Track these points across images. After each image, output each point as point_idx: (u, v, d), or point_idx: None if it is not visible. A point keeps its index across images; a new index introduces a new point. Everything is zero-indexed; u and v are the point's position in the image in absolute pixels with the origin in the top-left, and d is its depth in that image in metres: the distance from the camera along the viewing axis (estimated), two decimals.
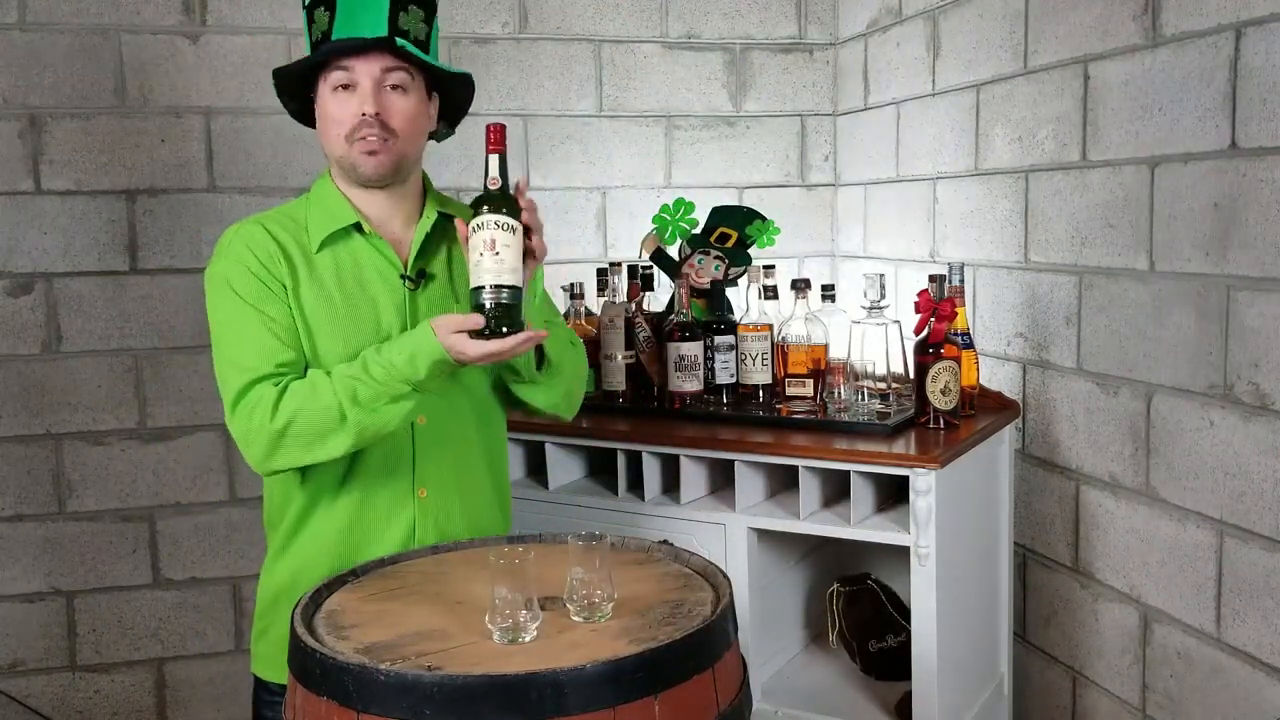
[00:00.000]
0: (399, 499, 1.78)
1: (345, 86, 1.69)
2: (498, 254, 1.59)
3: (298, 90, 1.77)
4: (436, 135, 1.89)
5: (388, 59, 1.69)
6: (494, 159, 1.64)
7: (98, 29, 2.86)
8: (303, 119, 1.83)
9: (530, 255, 1.66)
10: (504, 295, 1.60)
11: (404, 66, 1.71)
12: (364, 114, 1.68)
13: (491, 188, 1.63)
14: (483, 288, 1.60)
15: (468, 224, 1.64)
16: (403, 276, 1.78)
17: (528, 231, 1.65)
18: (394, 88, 1.70)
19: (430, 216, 1.81)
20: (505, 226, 1.60)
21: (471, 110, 1.91)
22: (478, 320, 1.59)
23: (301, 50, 1.78)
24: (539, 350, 1.79)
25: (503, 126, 1.66)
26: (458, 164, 3.08)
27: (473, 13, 3.11)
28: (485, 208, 1.61)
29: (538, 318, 1.78)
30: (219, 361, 1.71)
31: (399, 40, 1.68)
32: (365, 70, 1.68)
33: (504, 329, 1.60)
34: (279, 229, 1.76)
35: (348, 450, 1.67)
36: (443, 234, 1.84)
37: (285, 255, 1.73)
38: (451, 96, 1.85)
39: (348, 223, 1.76)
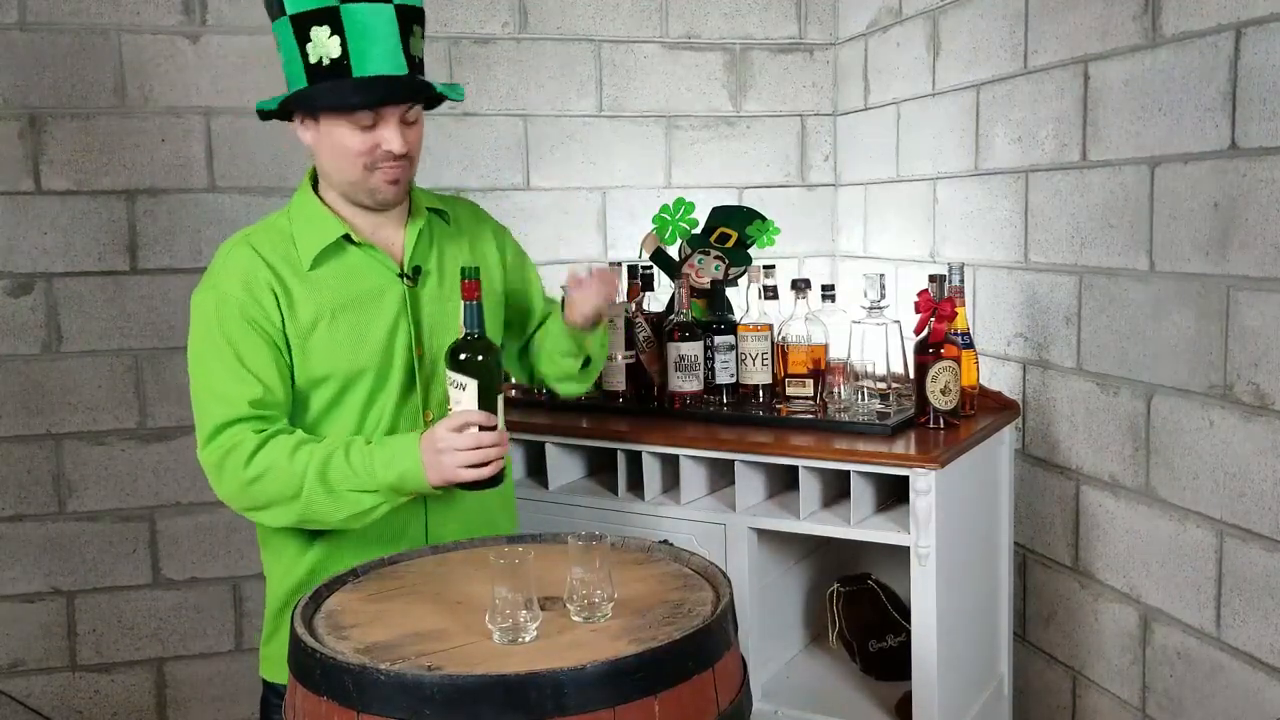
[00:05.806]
0: (408, 507, 1.77)
1: (368, 125, 1.69)
2: (451, 406, 1.66)
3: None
4: None
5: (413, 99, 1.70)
6: (465, 306, 1.66)
7: (98, 29, 2.86)
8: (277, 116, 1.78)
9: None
10: None
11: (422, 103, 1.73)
12: (393, 154, 1.69)
13: (461, 336, 1.67)
14: None
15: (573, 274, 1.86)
16: (401, 275, 1.78)
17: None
18: (409, 119, 1.71)
19: (422, 214, 1.83)
20: (456, 385, 1.65)
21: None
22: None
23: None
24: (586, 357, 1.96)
25: (475, 282, 1.65)
26: (458, 164, 3.08)
27: (473, 13, 3.11)
28: (452, 358, 1.65)
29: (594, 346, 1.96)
30: (197, 390, 1.70)
31: (436, 86, 1.69)
32: (392, 112, 1.68)
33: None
34: (269, 249, 1.74)
35: (283, 525, 1.69)
36: (431, 230, 1.85)
37: (278, 280, 1.72)
38: None
39: (336, 235, 1.74)
